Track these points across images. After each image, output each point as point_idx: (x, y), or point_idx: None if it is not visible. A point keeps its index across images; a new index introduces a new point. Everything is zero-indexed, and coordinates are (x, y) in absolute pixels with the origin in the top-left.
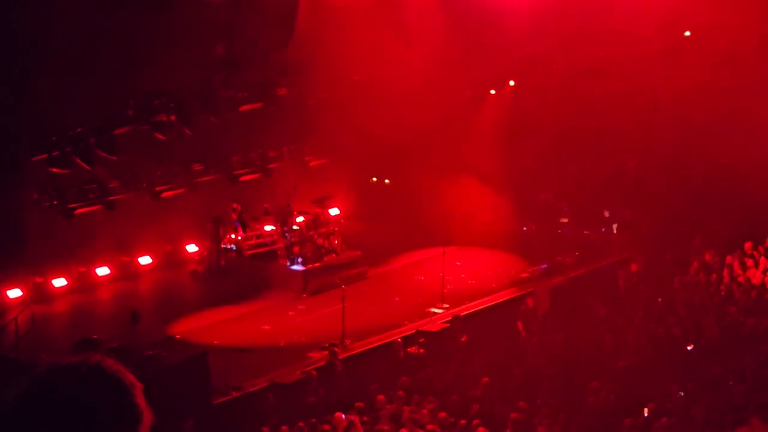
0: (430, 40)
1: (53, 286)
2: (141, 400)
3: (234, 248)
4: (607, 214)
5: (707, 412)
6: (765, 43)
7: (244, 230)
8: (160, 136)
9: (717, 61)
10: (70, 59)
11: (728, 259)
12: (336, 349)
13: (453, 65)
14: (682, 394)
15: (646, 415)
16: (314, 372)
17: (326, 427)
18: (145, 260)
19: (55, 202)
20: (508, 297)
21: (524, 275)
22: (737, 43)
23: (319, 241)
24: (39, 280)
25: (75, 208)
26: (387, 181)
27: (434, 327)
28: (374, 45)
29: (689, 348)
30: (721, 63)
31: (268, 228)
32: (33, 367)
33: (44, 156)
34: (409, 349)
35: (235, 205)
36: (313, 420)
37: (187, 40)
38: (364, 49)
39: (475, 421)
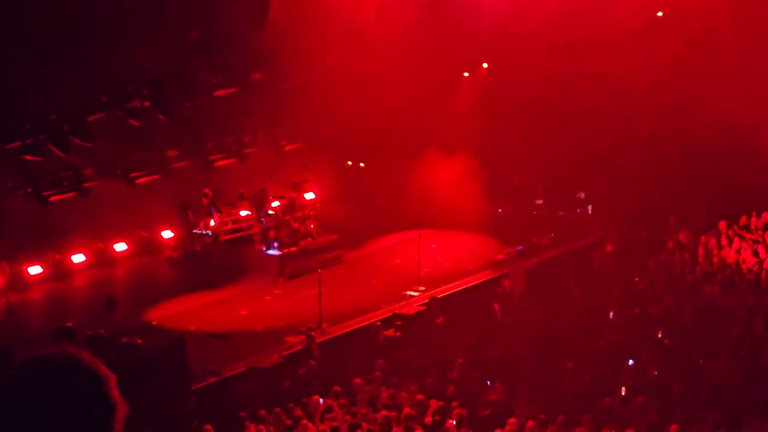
0: (404, 23)
1: (28, 273)
2: (115, 392)
3: (210, 234)
4: (582, 195)
5: (683, 392)
6: (739, 24)
7: (218, 215)
8: (135, 123)
9: (691, 42)
10: (43, 46)
11: (703, 238)
12: (313, 333)
13: (427, 48)
14: (656, 373)
15: (622, 394)
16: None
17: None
18: (120, 247)
19: (29, 190)
20: (484, 279)
21: (500, 257)
22: (711, 24)
23: (295, 225)
24: (13, 268)
25: (49, 196)
26: (362, 164)
27: (411, 310)
28: (348, 28)
29: (659, 335)
30: (694, 43)
31: (244, 213)
32: (7, 355)
33: (18, 144)
34: (385, 332)
35: (206, 191)
36: (291, 404)
37: (161, 26)
38: (338, 32)
39: (453, 403)
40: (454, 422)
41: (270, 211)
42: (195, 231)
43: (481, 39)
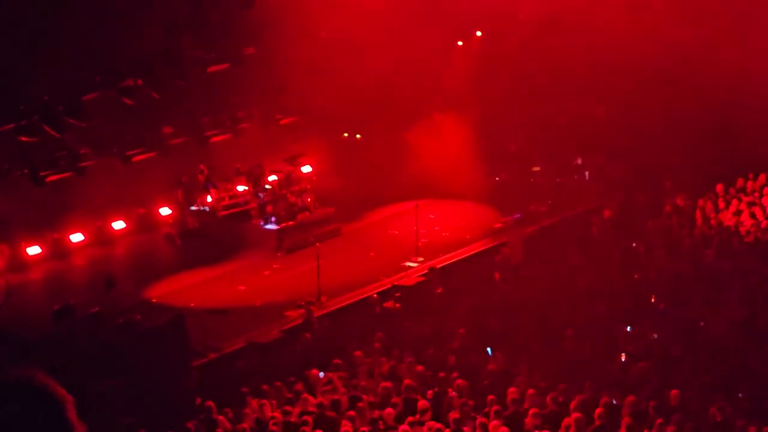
0: None
1: (27, 254)
2: (72, 414)
3: (207, 210)
4: (579, 161)
5: (684, 356)
6: None
7: (215, 191)
8: (128, 101)
9: (678, 12)
10: (34, 27)
11: (700, 202)
12: (312, 307)
13: (420, 17)
14: (656, 336)
15: (622, 360)
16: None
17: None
18: (118, 225)
19: (25, 171)
20: (483, 248)
21: (498, 226)
22: None
23: (292, 199)
24: (12, 249)
25: (46, 176)
26: (358, 136)
27: (410, 281)
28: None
29: (652, 300)
30: (682, 13)
31: (241, 188)
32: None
33: (12, 125)
34: (385, 304)
35: (202, 167)
36: (291, 378)
37: (151, 4)
38: (329, 4)
39: (454, 374)
40: (455, 393)
41: (267, 186)
42: (192, 207)
43: (473, 8)
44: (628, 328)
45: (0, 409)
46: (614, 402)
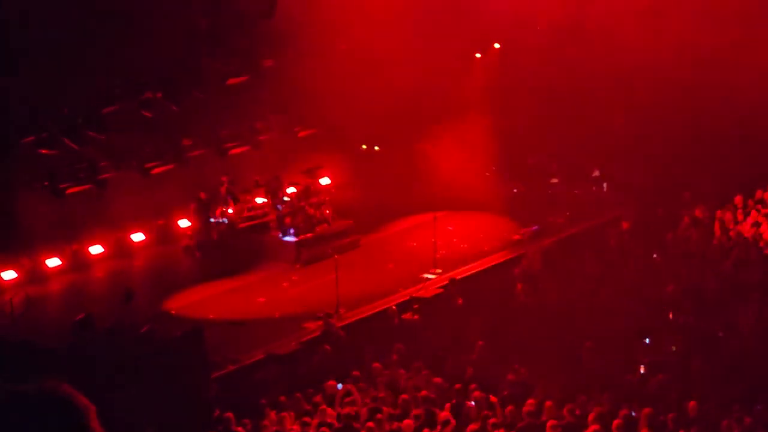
0: (415, 4)
1: (47, 266)
2: (95, 423)
3: (226, 222)
4: (596, 173)
5: (702, 368)
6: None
7: (234, 203)
8: (148, 114)
9: (698, 19)
10: (56, 40)
11: (719, 213)
12: (331, 320)
13: (439, 29)
14: (674, 349)
15: (641, 372)
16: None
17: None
18: (138, 237)
19: (45, 183)
20: (501, 260)
21: (516, 237)
22: (718, 0)
23: (311, 211)
24: (32, 261)
25: (66, 188)
26: (377, 148)
27: (428, 293)
28: (359, 12)
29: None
30: (701, 20)
31: (259, 200)
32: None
33: (32, 138)
34: (403, 316)
35: (223, 179)
36: (310, 390)
37: (170, 17)
38: (349, 16)
39: (472, 385)
40: (474, 404)
41: (285, 198)
42: (212, 220)
43: (492, 20)
44: (647, 340)
45: (26, 422)
46: (633, 414)
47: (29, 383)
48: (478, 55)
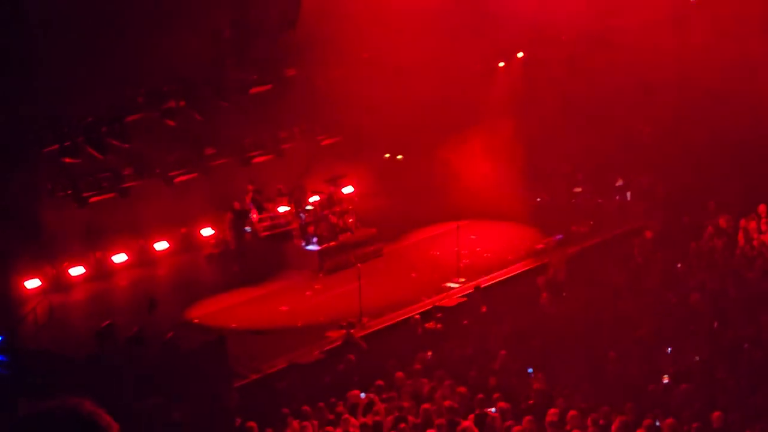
0: (439, 13)
1: (71, 274)
2: None
3: (249, 230)
4: (620, 182)
5: (726, 378)
6: None
7: (258, 212)
8: (171, 123)
9: (722, 28)
10: (78, 48)
11: (742, 222)
12: (352, 330)
13: (462, 38)
14: (698, 359)
15: (665, 382)
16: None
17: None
18: (161, 246)
19: (69, 192)
20: (524, 269)
21: (539, 246)
22: (742, 9)
23: (334, 219)
24: (56, 269)
25: (89, 197)
26: (400, 156)
27: (451, 302)
28: (382, 21)
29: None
30: (726, 30)
31: (282, 209)
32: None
33: (56, 147)
34: (426, 325)
35: (249, 186)
36: (333, 399)
37: (194, 25)
38: (372, 25)
39: (495, 395)
40: (497, 413)
41: (308, 206)
42: (247, 229)
43: (515, 29)
44: (669, 350)
45: None
46: (657, 424)
47: (52, 400)
48: (501, 64)
